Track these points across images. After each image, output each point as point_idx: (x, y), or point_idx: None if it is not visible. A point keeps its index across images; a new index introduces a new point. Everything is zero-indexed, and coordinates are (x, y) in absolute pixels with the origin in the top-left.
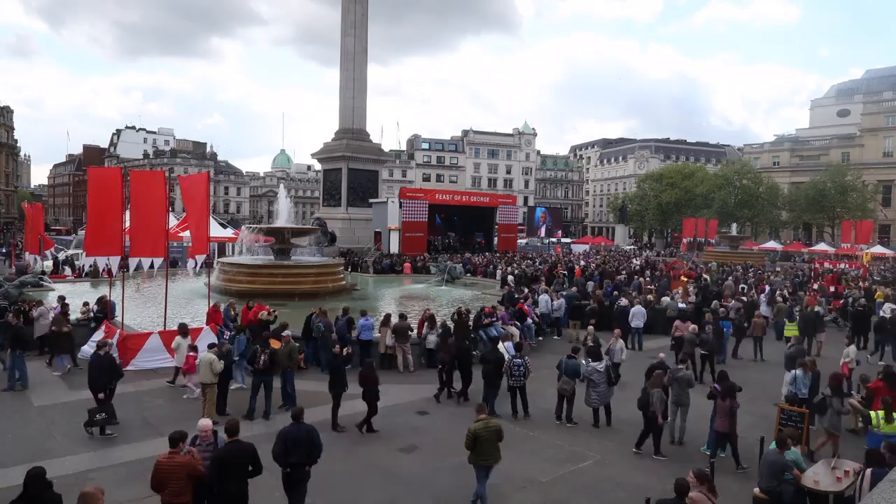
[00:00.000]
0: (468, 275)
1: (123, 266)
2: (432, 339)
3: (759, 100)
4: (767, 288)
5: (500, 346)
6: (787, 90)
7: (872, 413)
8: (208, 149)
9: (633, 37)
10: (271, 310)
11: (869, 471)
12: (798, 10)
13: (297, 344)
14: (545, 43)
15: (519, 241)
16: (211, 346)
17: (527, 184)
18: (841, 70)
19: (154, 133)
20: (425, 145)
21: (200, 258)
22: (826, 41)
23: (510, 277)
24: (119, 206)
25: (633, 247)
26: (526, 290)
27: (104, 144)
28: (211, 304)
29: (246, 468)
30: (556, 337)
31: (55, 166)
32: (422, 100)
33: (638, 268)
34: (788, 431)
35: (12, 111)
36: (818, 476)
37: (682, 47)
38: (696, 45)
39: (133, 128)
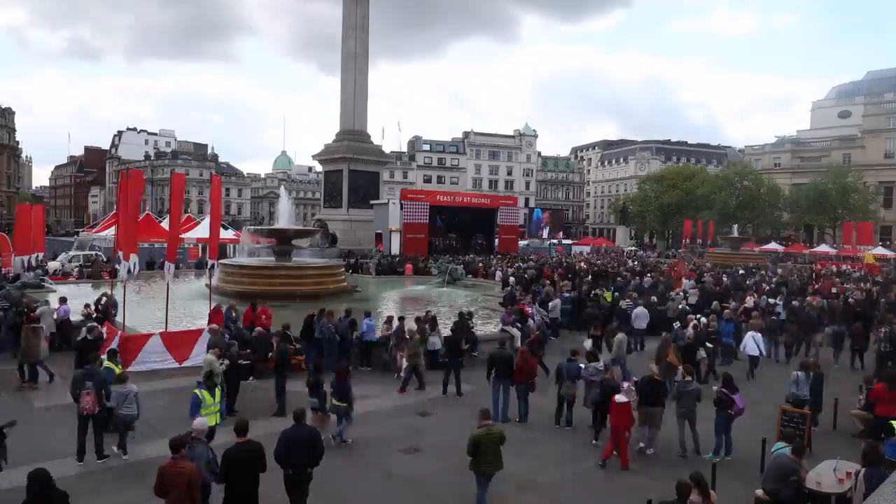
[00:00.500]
0: (469, 276)
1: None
2: (433, 341)
3: (732, 105)
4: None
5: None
6: (753, 96)
7: (894, 422)
8: (209, 150)
9: (600, 45)
10: None
11: (864, 470)
12: (759, 20)
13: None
14: (523, 51)
15: (520, 242)
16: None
17: (528, 185)
18: (810, 74)
19: (155, 135)
20: (426, 147)
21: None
22: (789, 50)
23: (511, 279)
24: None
25: (633, 248)
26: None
27: (105, 146)
28: (212, 306)
29: (255, 468)
30: (553, 338)
31: (56, 168)
32: (402, 103)
33: (638, 269)
34: (787, 432)
35: (14, 112)
36: (821, 478)
37: (651, 54)
38: (666, 54)
39: (134, 129)
